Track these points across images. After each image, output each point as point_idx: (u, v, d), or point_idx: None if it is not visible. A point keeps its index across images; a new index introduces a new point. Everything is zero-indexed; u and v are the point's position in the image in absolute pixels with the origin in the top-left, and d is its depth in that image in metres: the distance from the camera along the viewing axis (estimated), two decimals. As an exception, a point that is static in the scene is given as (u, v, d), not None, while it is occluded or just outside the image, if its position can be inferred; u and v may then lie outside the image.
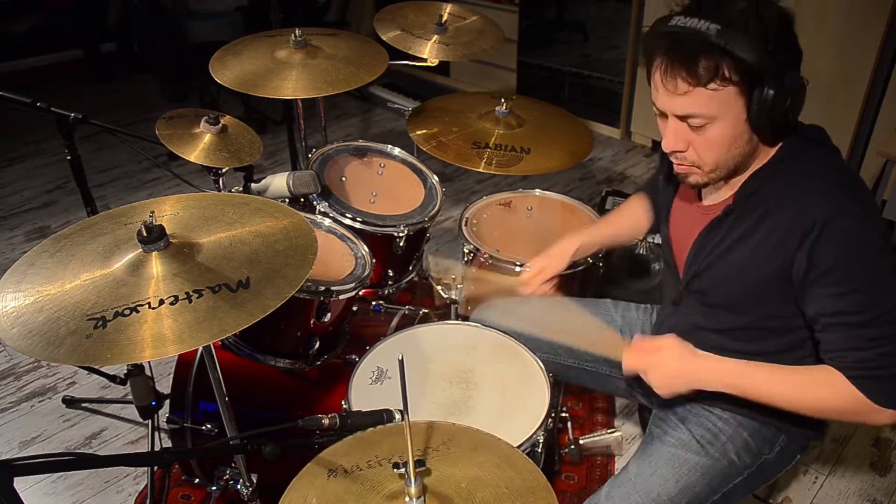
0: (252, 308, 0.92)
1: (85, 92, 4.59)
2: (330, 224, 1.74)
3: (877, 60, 2.88)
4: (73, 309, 0.91)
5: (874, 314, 1.06)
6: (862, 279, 1.06)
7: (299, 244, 1.05)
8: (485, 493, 0.94)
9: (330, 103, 4.36)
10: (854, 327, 1.08)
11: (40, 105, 1.62)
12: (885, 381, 1.08)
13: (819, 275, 1.07)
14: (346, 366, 1.59)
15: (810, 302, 1.11)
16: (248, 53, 1.89)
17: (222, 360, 1.36)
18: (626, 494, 1.26)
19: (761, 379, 1.18)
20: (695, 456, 1.29)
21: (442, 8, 2.23)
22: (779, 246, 1.10)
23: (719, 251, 1.20)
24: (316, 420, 1.09)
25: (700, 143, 1.12)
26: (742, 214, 1.17)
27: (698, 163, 1.15)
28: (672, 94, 1.07)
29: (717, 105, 1.06)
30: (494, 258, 1.80)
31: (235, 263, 0.99)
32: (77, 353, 0.86)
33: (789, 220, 1.09)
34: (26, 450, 2.05)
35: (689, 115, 1.08)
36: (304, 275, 0.98)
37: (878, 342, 1.07)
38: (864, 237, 1.06)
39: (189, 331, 0.89)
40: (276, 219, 1.10)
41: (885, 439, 2.08)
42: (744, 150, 1.12)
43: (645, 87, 1.16)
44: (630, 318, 1.60)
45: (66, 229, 1.09)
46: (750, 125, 1.08)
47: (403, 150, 2.09)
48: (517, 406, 1.38)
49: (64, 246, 1.04)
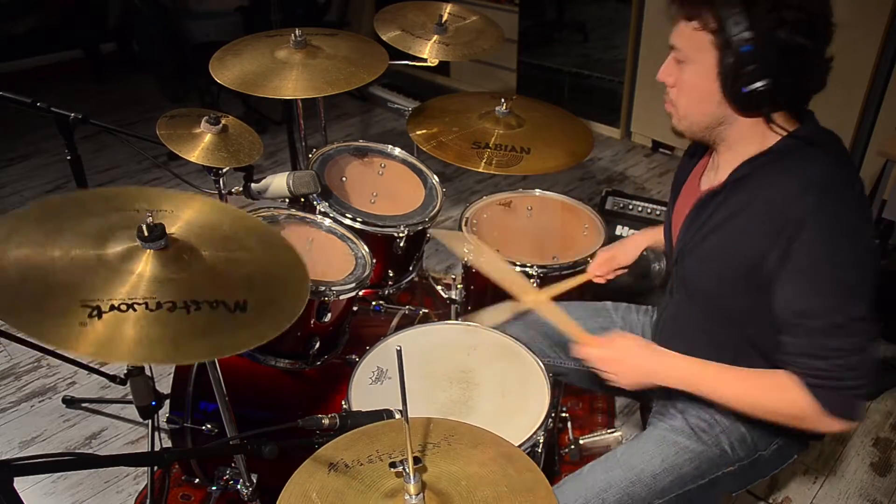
0: (250, 334, 0.91)
1: (85, 92, 4.59)
2: (330, 224, 1.74)
3: (877, 60, 2.88)
4: (65, 289, 0.86)
5: (836, 322, 1.05)
6: (830, 284, 1.06)
7: (293, 280, 1.05)
8: (484, 491, 0.94)
9: (330, 103, 4.35)
10: (815, 333, 1.07)
11: (40, 105, 1.62)
12: (838, 391, 1.07)
13: (789, 271, 1.07)
14: (346, 366, 1.59)
15: (776, 295, 1.10)
16: (248, 53, 1.89)
17: (222, 360, 1.36)
18: (609, 468, 1.27)
19: (715, 378, 1.19)
20: (685, 440, 1.30)
21: (442, 8, 2.23)
22: (754, 237, 1.10)
23: (701, 234, 1.21)
24: (316, 420, 1.09)
25: (679, 83, 1.15)
26: (727, 198, 1.17)
27: (675, 104, 1.18)
28: (672, 21, 1.13)
29: (693, 46, 1.10)
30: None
31: (233, 283, 0.98)
32: (68, 337, 0.81)
33: (769, 213, 1.09)
34: (26, 450, 2.05)
35: (674, 46, 1.13)
36: (299, 309, 0.98)
37: (837, 353, 1.06)
38: (841, 245, 1.05)
39: (183, 343, 0.86)
40: (277, 251, 1.10)
41: (885, 439, 2.08)
42: (713, 111, 1.13)
43: (645, 87, 1.17)
44: (630, 321, 1.60)
45: (56, 198, 1.02)
46: (720, 84, 1.09)
47: (404, 151, 2.09)
48: (517, 406, 1.38)
49: (53, 214, 0.98)
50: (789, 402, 1.11)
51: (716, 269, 1.19)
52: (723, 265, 1.17)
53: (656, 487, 1.25)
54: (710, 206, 1.20)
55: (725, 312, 1.24)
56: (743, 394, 1.17)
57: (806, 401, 1.09)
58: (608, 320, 1.59)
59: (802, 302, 1.07)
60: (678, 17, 1.11)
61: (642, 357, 1.26)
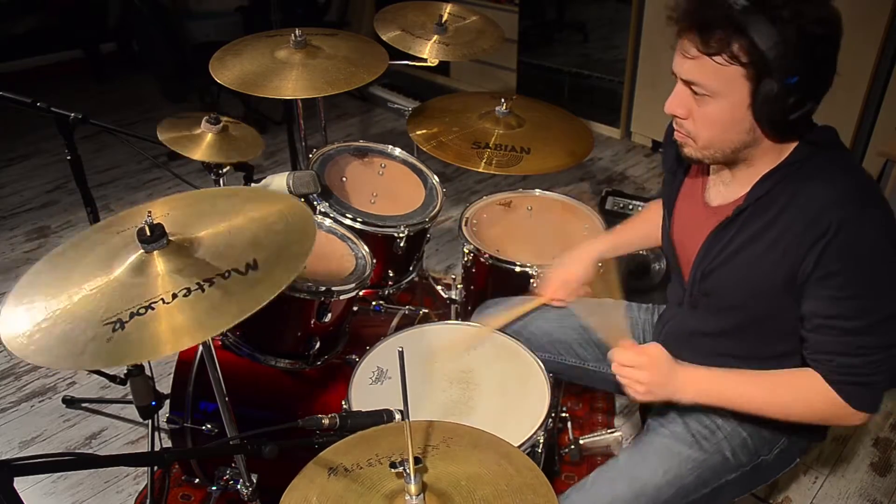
0: (267, 285, 0.92)
1: (85, 92, 4.59)
2: (330, 224, 1.74)
3: (877, 60, 2.88)
4: (87, 318, 0.92)
5: (869, 322, 1.06)
6: (864, 286, 1.06)
7: (296, 223, 1.05)
8: (485, 491, 0.94)
9: (330, 103, 4.35)
10: (847, 333, 1.07)
11: (40, 105, 1.62)
12: (866, 387, 1.08)
13: (823, 275, 1.07)
14: (346, 366, 1.59)
15: (808, 299, 1.11)
16: (248, 53, 1.89)
17: (222, 360, 1.36)
18: (612, 479, 1.26)
19: (737, 382, 1.19)
20: (687, 448, 1.29)
21: (442, 8, 2.23)
22: (790, 249, 1.09)
23: (727, 253, 1.19)
24: (316, 420, 1.09)
25: (699, 115, 1.10)
26: (752, 216, 1.15)
27: (693, 135, 1.13)
28: (683, 55, 1.07)
29: (720, 81, 1.04)
30: (494, 258, 1.80)
31: (239, 249, 1.00)
32: (101, 356, 0.87)
33: (803, 223, 1.07)
34: (26, 450, 2.05)
35: (693, 81, 1.07)
36: (309, 247, 0.99)
37: (868, 350, 1.07)
38: (877, 245, 1.05)
39: (209, 317, 0.89)
40: (270, 203, 1.11)
41: (885, 439, 2.08)
42: (742, 138, 1.10)
43: (645, 88, 1.17)
44: (632, 318, 1.59)
45: (58, 248, 1.09)
46: (752, 114, 1.06)
47: (404, 151, 2.09)
48: (517, 406, 1.38)
49: (59, 263, 1.05)
50: (821, 400, 1.11)
51: (750, 284, 1.17)
52: (759, 279, 1.15)
53: (660, 499, 1.24)
54: (734, 224, 1.18)
55: (747, 322, 1.23)
56: (769, 400, 1.17)
57: (833, 398, 1.10)
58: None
59: (838, 304, 1.07)
60: (698, 53, 1.04)
61: (665, 370, 1.23)
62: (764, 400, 1.18)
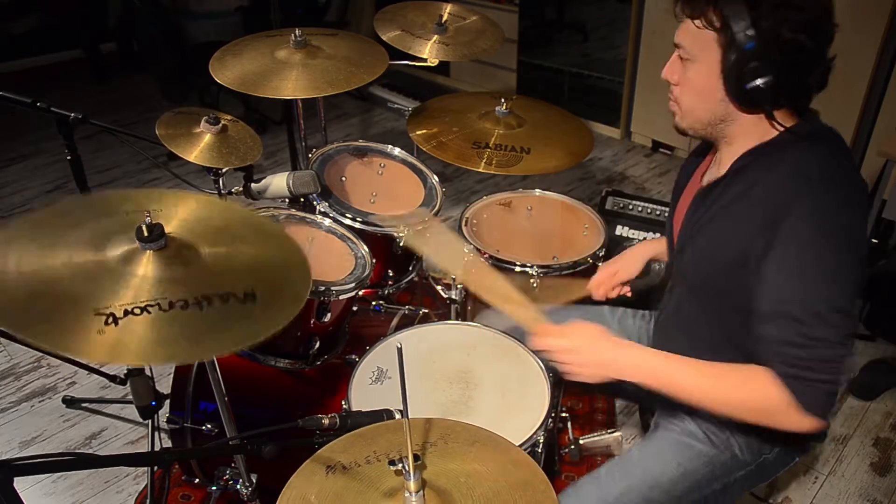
0: (264, 323, 0.92)
1: (85, 92, 4.59)
2: (330, 224, 1.74)
3: (877, 60, 2.88)
4: (73, 298, 0.88)
5: (817, 310, 1.04)
6: (813, 270, 1.05)
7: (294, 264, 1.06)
8: (484, 488, 0.94)
9: (330, 103, 4.35)
10: (793, 321, 1.05)
11: (40, 105, 1.62)
12: (813, 384, 1.05)
13: (774, 256, 1.06)
14: (346, 366, 1.59)
15: (760, 283, 1.09)
16: (248, 53, 1.89)
17: (222, 360, 1.37)
18: (627, 471, 1.28)
19: (678, 372, 1.16)
20: (700, 444, 1.30)
21: (442, 8, 2.23)
22: (747, 226, 1.11)
23: (699, 225, 1.21)
24: (316, 420, 1.09)
25: (684, 80, 1.16)
26: (724, 191, 1.17)
27: (679, 101, 1.19)
28: (676, 20, 1.13)
29: (697, 44, 1.10)
30: (494, 258, 1.80)
31: (236, 275, 0.99)
32: (90, 346, 0.83)
33: (761, 202, 1.09)
34: (26, 450, 2.05)
35: (679, 44, 1.14)
36: (305, 294, 0.99)
37: (815, 342, 1.04)
38: (827, 233, 1.05)
39: (208, 338, 0.88)
40: (275, 241, 1.11)
41: (885, 439, 2.08)
42: (715, 108, 1.14)
43: (645, 87, 1.17)
44: (626, 326, 1.59)
45: (37, 212, 1.02)
46: (723, 82, 1.10)
47: (403, 150, 2.09)
48: (517, 406, 1.38)
49: (41, 229, 0.99)
50: (761, 395, 1.09)
51: (710, 259, 1.19)
52: (717, 254, 1.17)
53: (674, 493, 1.25)
54: (709, 197, 1.21)
55: (723, 308, 1.23)
56: (710, 389, 1.13)
57: (778, 394, 1.06)
58: (603, 325, 1.58)
59: (785, 288, 1.06)
60: (683, 15, 1.11)
61: (600, 348, 1.22)
62: (705, 390, 1.14)
